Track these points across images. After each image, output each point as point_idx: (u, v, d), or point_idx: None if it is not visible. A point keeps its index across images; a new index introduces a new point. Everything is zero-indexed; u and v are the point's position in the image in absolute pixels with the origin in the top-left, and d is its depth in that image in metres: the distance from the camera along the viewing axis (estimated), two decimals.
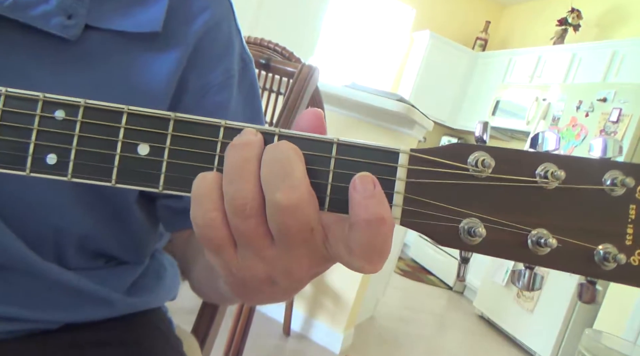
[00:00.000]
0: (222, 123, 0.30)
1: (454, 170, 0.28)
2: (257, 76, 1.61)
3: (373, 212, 0.26)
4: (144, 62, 0.50)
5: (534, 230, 0.27)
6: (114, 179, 0.30)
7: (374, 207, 0.27)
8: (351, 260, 0.28)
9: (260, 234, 0.28)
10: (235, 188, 0.28)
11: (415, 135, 2.13)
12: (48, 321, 0.51)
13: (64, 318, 0.52)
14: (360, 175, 0.28)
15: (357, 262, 0.28)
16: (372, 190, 0.27)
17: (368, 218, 0.26)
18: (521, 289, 0.27)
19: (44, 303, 0.50)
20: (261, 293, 0.32)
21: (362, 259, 0.27)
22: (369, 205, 0.27)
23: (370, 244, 0.27)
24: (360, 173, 0.28)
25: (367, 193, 0.27)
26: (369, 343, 2.45)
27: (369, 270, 0.28)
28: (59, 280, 0.49)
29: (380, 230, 0.26)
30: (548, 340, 2.87)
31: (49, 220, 0.48)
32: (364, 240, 0.27)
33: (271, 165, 0.28)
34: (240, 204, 0.28)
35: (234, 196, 0.28)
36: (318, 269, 0.31)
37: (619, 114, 2.87)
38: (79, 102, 0.30)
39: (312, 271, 0.31)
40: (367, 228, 0.26)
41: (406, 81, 5.32)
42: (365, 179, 0.27)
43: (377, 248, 0.27)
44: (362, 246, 0.27)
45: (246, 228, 0.28)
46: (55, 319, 0.51)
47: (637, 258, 0.26)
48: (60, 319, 0.52)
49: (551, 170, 0.27)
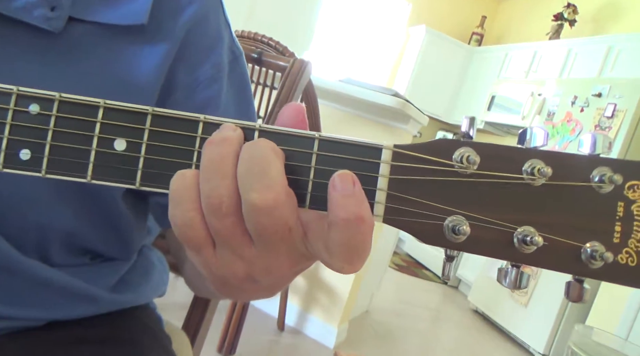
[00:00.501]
0: (201, 118, 0.29)
1: (438, 167, 0.27)
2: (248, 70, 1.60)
3: (352, 211, 0.26)
4: (131, 55, 0.49)
5: (520, 227, 0.26)
6: (89, 175, 0.30)
7: (352, 206, 0.26)
8: (331, 261, 0.27)
9: (237, 234, 0.28)
10: (211, 186, 0.27)
11: (410, 130, 2.12)
12: (32, 318, 0.50)
13: (48, 315, 0.51)
14: (340, 173, 0.27)
15: (336, 263, 0.27)
16: (351, 189, 0.26)
17: (347, 218, 0.26)
18: (508, 287, 0.27)
19: (27, 300, 0.49)
20: (243, 290, 0.32)
21: (341, 259, 0.27)
22: (347, 204, 0.26)
23: (349, 244, 0.26)
24: (340, 171, 0.27)
25: (346, 192, 0.26)
26: (364, 337, 2.45)
27: (348, 271, 0.27)
28: (42, 277, 0.49)
29: (359, 229, 0.26)
30: (542, 335, 2.89)
31: (30, 216, 0.47)
32: (342, 240, 0.26)
33: (247, 163, 0.27)
34: (216, 203, 0.27)
35: (210, 194, 0.27)
36: (299, 267, 0.30)
37: (613, 109, 2.88)
38: (53, 96, 0.30)
39: (294, 269, 0.30)
40: (346, 228, 0.26)
41: (402, 76, 5.31)
42: (345, 177, 0.27)
43: (356, 249, 0.26)
44: (341, 246, 0.26)
45: (222, 228, 0.27)
46: (39, 317, 0.51)
47: (624, 256, 0.26)
48: (44, 317, 0.51)
49: (538, 166, 0.26)
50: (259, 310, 2.26)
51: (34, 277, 0.48)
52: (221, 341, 1.83)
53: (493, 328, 3.30)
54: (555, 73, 4.13)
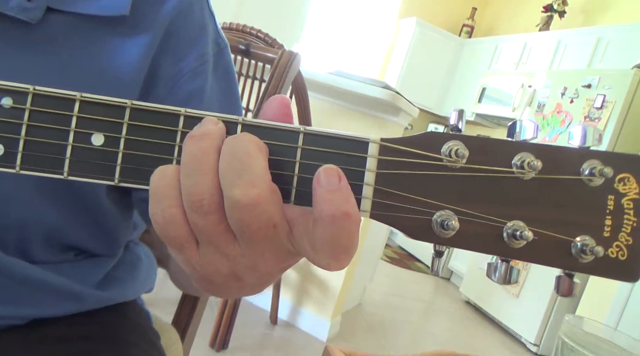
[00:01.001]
0: (182, 112, 0.28)
1: (426, 161, 0.26)
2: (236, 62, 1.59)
3: (338, 206, 0.25)
4: (112, 47, 0.48)
5: (510, 222, 0.26)
6: (66, 171, 0.29)
7: (338, 202, 0.25)
8: (316, 257, 0.27)
9: (220, 231, 0.27)
10: (192, 183, 0.26)
11: (401, 122, 2.12)
12: (15, 316, 0.49)
13: (32, 313, 0.50)
14: (325, 167, 0.26)
15: (322, 259, 0.26)
16: (337, 184, 0.25)
17: (332, 214, 0.25)
18: (497, 282, 0.26)
19: (9, 298, 0.48)
20: (228, 288, 0.31)
21: (327, 256, 0.26)
22: (333, 199, 0.25)
23: (335, 240, 0.25)
24: (325, 165, 0.26)
25: (331, 187, 0.25)
26: (357, 330, 2.46)
27: (335, 267, 0.27)
28: (23, 275, 0.48)
29: (345, 225, 0.25)
30: (533, 325, 2.91)
31: (10, 213, 0.46)
32: (328, 237, 0.25)
33: (229, 158, 0.26)
34: (197, 200, 0.26)
35: (191, 191, 0.26)
36: (285, 264, 0.29)
37: (603, 100, 2.89)
38: (27, 89, 0.28)
39: (279, 266, 0.29)
40: (332, 224, 0.25)
41: (393, 68, 5.30)
42: (330, 172, 0.26)
43: (343, 245, 0.26)
44: (327, 242, 0.26)
45: (205, 225, 0.27)
46: (22, 315, 0.50)
47: (615, 250, 0.25)
48: (27, 315, 0.50)
49: (528, 160, 0.25)
50: (252, 304, 2.26)
51: (15, 275, 0.47)
52: (213, 336, 1.82)
53: (485, 319, 3.32)
54: (545, 64, 4.14)
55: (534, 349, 2.90)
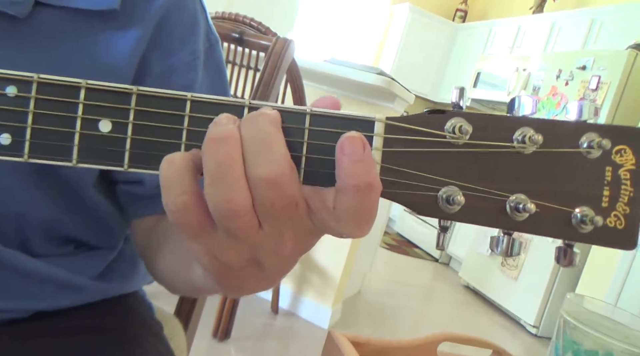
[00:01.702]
0: (188, 97, 0.29)
1: (431, 138, 0.27)
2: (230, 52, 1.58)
3: (361, 178, 0.25)
4: (103, 41, 0.48)
5: (512, 195, 0.26)
6: (75, 158, 0.29)
7: (362, 173, 0.25)
8: (339, 227, 0.27)
9: (251, 227, 0.27)
10: (222, 192, 0.25)
11: (397, 108, 2.12)
12: (17, 310, 0.49)
13: (34, 306, 0.50)
14: (348, 136, 0.26)
15: (345, 229, 0.26)
16: (361, 153, 0.25)
17: (357, 185, 0.25)
18: (500, 255, 0.27)
19: (10, 292, 0.48)
20: (247, 278, 0.31)
21: (350, 225, 0.26)
22: (357, 170, 0.25)
23: (358, 210, 0.26)
24: (349, 133, 0.26)
25: (356, 157, 0.25)
26: (357, 317, 2.48)
27: (357, 235, 0.27)
28: (24, 268, 0.48)
29: (369, 196, 0.25)
30: (532, 306, 2.94)
31: (8, 206, 0.46)
32: (352, 206, 0.26)
33: (250, 141, 0.26)
34: (231, 209, 0.26)
35: (221, 201, 0.25)
36: (304, 245, 0.29)
37: (598, 81, 2.90)
38: (31, 77, 0.28)
39: (298, 247, 0.29)
40: (356, 195, 0.25)
41: (387, 55, 5.29)
42: (355, 141, 0.26)
43: (365, 214, 0.26)
44: (350, 212, 0.26)
45: (236, 227, 0.26)
46: (24, 308, 0.50)
47: (613, 220, 0.26)
48: (29, 307, 0.50)
49: (528, 134, 0.26)
50: (253, 294, 2.27)
51: (15, 268, 0.47)
52: (215, 326, 1.84)
53: (484, 302, 3.35)
54: (539, 47, 4.14)
55: (534, 331, 2.93)
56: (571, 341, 0.53)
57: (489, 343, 0.68)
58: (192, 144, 0.29)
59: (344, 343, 0.60)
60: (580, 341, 0.52)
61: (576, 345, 0.52)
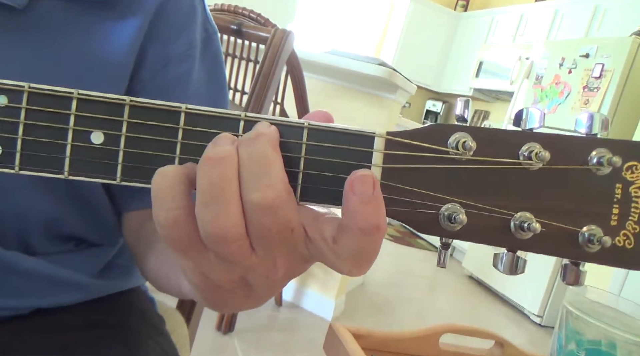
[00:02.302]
0: (183, 109, 0.28)
1: (433, 154, 0.26)
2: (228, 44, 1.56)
3: (369, 220, 0.24)
4: (102, 31, 0.48)
5: (517, 214, 0.25)
6: (66, 171, 0.28)
7: (371, 215, 0.24)
8: (338, 263, 0.26)
9: (241, 252, 0.26)
10: (213, 214, 0.24)
11: (399, 99, 2.11)
12: (17, 307, 0.50)
13: (35, 304, 0.50)
14: (361, 175, 0.25)
15: (345, 266, 0.26)
16: (370, 194, 0.24)
17: (364, 227, 0.24)
18: (504, 273, 0.26)
19: (11, 290, 0.49)
20: (234, 297, 0.30)
21: (350, 264, 0.25)
22: (366, 212, 0.24)
23: (361, 251, 0.25)
24: (360, 172, 0.25)
25: (365, 198, 0.24)
26: (361, 308, 2.49)
27: (356, 274, 0.26)
28: (23, 267, 0.48)
29: (374, 238, 0.24)
30: (536, 297, 2.94)
31: (8, 206, 0.46)
32: (355, 247, 0.25)
33: (247, 163, 0.25)
34: (219, 233, 0.25)
35: (210, 224, 0.25)
36: (296, 271, 0.28)
37: (601, 69, 2.87)
38: (22, 87, 0.28)
39: (290, 272, 0.28)
40: (362, 237, 0.24)
41: (388, 46, 5.25)
42: (366, 180, 0.24)
43: (368, 255, 0.25)
44: (353, 252, 0.25)
45: (226, 251, 0.26)
46: (26, 305, 0.50)
47: (622, 239, 0.25)
48: (30, 305, 0.50)
49: (535, 150, 0.25)
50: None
51: (16, 268, 0.47)
52: (219, 319, 1.84)
53: (488, 292, 3.36)
54: (542, 36, 4.10)
55: (537, 320, 2.94)
56: (574, 331, 0.53)
57: (492, 334, 0.68)
58: (187, 158, 0.28)
59: (345, 335, 0.60)
60: (583, 332, 0.52)
61: (579, 335, 0.52)
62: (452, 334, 0.65)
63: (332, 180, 0.27)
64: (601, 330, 0.50)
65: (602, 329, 0.50)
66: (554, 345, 0.56)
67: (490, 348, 0.69)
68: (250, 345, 1.83)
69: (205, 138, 0.28)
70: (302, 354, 1.87)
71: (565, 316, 0.55)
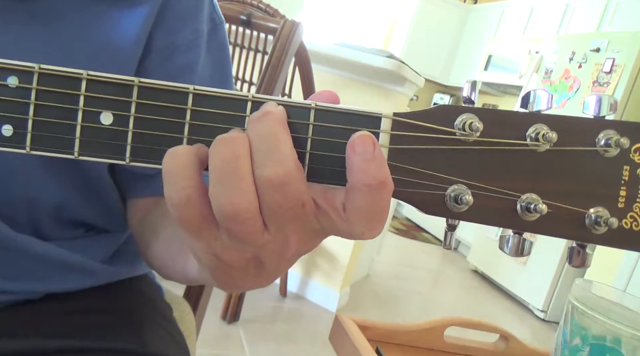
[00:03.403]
0: (191, 89, 0.28)
1: (440, 135, 0.26)
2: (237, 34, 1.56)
3: (374, 176, 0.25)
4: (111, 20, 0.48)
5: (524, 195, 0.25)
6: (76, 151, 0.28)
7: (375, 171, 0.25)
8: (350, 228, 0.26)
9: (255, 230, 0.26)
10: (226, 191, 0.25)
11: (407, 92, 2.10)
12: (29, 292, 0.50)
13: (46, 288, 0.51)
14: (359, 135, 0.25)
15: (357, 229, 0.26)
16: (372, 153, 0.25)
17: (369, 183, 0.25)
18: (509, 255, 0.26)
19: (23, 275, 0.49)
20: (246, 275, 0.30)
21: (362, 225, 0.26)
22: (370, 169, 0.25)
23: (371, 209, 0.25)
24: (359, 133, 0.26)
25: (367, 156, 0.25)
26: (365, 300, 2.49)
27: (369, 236, 0.26)
28: (36, 251, 0.48)
29: (382, 194, 0.25)
30: (541, 291, 2.94)
31: (19, 190, 0.47)
32: (364, 206, 0.25)
33: (257, 140, 0.25)
34: (233, 210, 0.25)
35: (224, 201, 0.25)
36: (308, 246, 0.29)
37: (612, 64, 2.84)
38: (32, 68, 0.28)
39: (302, 248, 0.29)
40: (369, 194, 0.25)
41: (397, 38, 5.22)
42: (365, 140, 0.25)
43: (378, 213, 0.25)
44: (363, 212, 0.25)
45: (239, 229, 0.26)
46: (36, 290, 0.51)
47: (629, 221, 0.25)
48: (41, 290, 0.51)
49: (542, 132, 0.25)
50: None
51: (28, 252, 0.48)
52: (225, 308, 1.85)
53: (493, 287, 3.36)
54: (552, 29, 4.06)
55: (542, 315, 2.94)
56: (579, 326, 0.53)
57: (496, 328, 0.68)
58: (195, 138, 0.28)
59: (351, 326, 0.60)
60: (588, 327, 0.52)
61: (584, 330, 0.52)
62: (457, 327, 0.66)
63: (339, 161, 0.27)
64: (606, 326, 0.50)
65: (607, 324, 0.50)
66: (558, 340, 0.56)
67: (495, 342, 0.69)
68: (255, 335, 1.84)
69: (213, 119, 0.28)
70: (305, 344, 1.88)
71: (571, 311, 0.55)
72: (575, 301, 0.54)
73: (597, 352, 0.51)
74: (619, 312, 0.55)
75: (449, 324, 0.65)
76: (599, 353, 0.51)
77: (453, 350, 0.66)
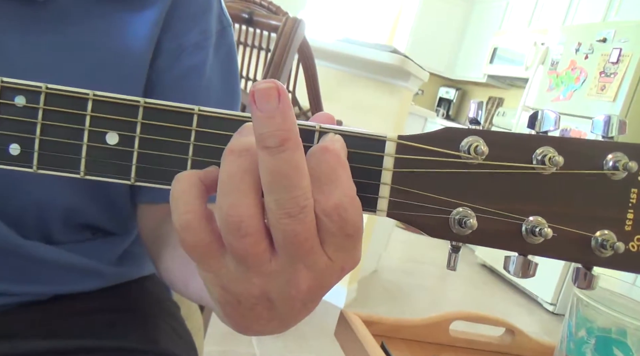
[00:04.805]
0: (195, 111, 0.28)
1: (444, 158, 0.26)
2: (240, 32, 1.56)
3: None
4: (121, 23, 0.48)
5: (529, 218, 0.25)
6: (82, 170, 0.29)
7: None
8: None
9: (258, 251, 0.25)
10: (230, 203, 0.24)
11: (411, 87, 2.09)
12: (37, 293, 0.51)
13: (54, 290, 0.52)
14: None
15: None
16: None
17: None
18: (514, 276, 0.26)
19: (31, 278, 0.50)
20: (257, 318, 0.29)
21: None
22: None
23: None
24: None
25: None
26: (374, 296, 2.50)
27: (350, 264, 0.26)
28: (44, 256, 0.49)
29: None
30: (549, 285, 2.93)
31: (30, 195, 0.47)
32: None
33: (270, 173, 0.24)
34: (235, 221, 0.24)
35: (228, 212, 0.24)
36: (318, 291, 0.27)
37: (619, 54, 2.81)
38: (39, 88, 0.28)
39: (314, 289, 0.27)
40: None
41: (401, 33, 5.19)
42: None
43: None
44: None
45: (241, 247, 0.25)
46: (45, 291, 0.51)
47: (636, 244, 0.25)
48: (49, 291, 0.52)
49: (549, 155, 0.25)
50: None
51: (36, 257, 0.49)
52: None
53: (501, 281, 3.35)
54: (558, 20, 4.02)
55: (551, 308, 2.93)
56: (584, 318, 0.53)
57: (502, 321, 0.68)
58: (199, 160, 0.28)
59: (356, 322, 0.60)
60: (593, 319, 0.52)
61: (589, 322, 0.52)
62: (463, 321, 0.66)
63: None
64: (611, 318, 0.51)
65: (612, 316, 0.51)
66: (564, 332, 0.56)
67: (501, 336, 0.69)
68: None
69: (217, 140, 0.28)
70: (314, 340, 1.89)
71: (576, 303, 0.55)
72: (580, 293, 0.55)
73: (602, 344, 0.51)
74: (624, 304, 0.55)
75: (454, 318, 0.65)
76: (604, 345, 0.51)
77: (459, 344, 0.66)
